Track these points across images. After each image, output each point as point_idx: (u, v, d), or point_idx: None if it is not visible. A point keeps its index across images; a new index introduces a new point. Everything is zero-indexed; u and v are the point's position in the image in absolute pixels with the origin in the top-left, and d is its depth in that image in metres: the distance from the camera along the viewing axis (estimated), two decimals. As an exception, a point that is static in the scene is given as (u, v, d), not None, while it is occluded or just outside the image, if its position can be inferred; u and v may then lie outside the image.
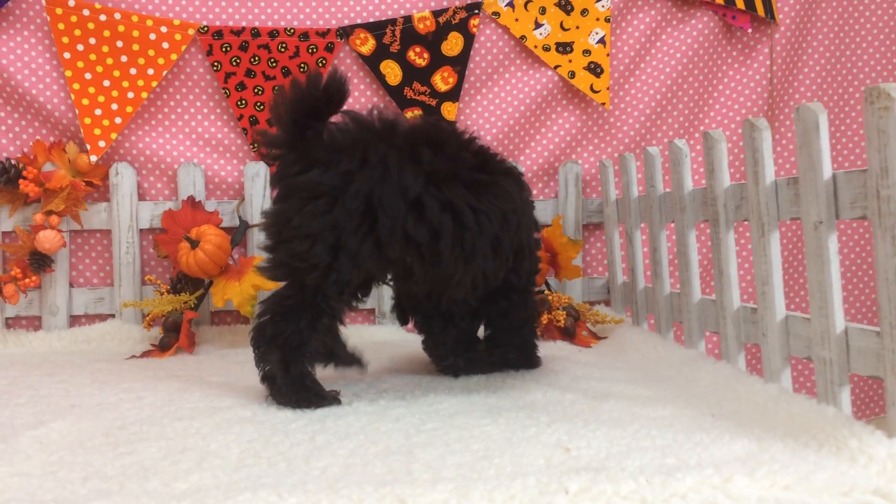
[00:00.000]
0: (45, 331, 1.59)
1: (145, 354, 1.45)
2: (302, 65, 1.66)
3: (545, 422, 0.90)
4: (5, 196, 1.58)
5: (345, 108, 0.99)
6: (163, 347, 1.47)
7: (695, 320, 1.27)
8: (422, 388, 1.10)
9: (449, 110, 1.70)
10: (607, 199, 1.66)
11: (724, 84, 1.81)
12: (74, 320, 1.64)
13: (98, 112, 1.59)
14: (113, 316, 1.64)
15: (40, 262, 1.55)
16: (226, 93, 1.65)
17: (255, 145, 1.54)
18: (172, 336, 1.48)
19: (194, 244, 1.52)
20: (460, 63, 1.70)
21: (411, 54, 1.69)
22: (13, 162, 1.57)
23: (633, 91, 1.77)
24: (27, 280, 1.54)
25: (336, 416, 0.94)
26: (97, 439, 0.86)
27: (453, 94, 1.70)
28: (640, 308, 1.52)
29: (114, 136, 1.60)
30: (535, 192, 1.74)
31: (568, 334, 1.53)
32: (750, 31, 1.78)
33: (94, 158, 1.59)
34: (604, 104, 1.73)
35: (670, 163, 1.29)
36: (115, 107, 1.60)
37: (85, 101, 1.59)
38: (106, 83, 1.60)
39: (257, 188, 1.65)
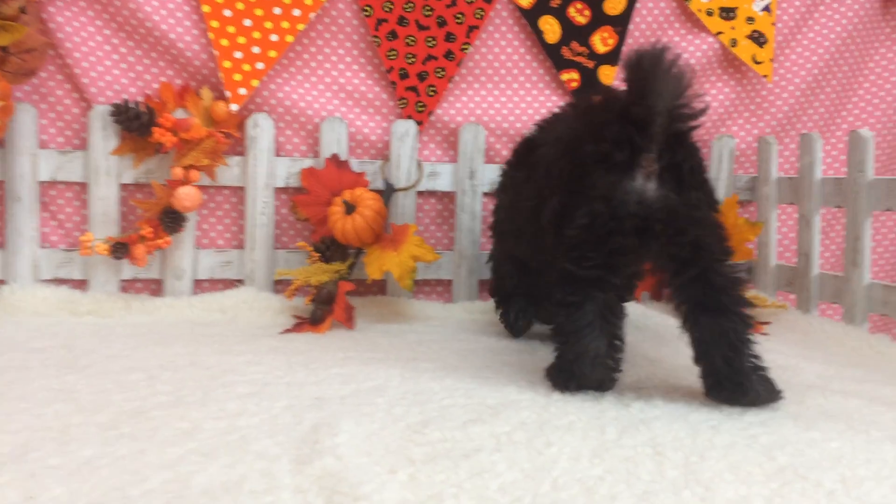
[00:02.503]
0: (170, 297, 1.44)
1: (297, 328, 1.32)
2: (458, 15, 1.51)
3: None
4: (129, 144, 1.40)
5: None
6: (314, 321, 1.34)
7: (919, 317, 1.22)
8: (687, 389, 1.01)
9: (606, 74, 1.59)
10: (766, 177, 1.59)
11: (874, 62, 1.74)
12: (196, 285, 1.49)
13: (238, 55, 1.42)
14: (241, 281, 1.49)
15: (175, 220, 1.39)
16: (376, 41, 1.49)
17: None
18: (325, 309, 1.36)
19: (350, 209, 1.39)
20: (621, 24, 1.58)
21: (572, 10, 1.56)
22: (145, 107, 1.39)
23: (788, 64, 1.68)
24: (159, 240, 1.38)
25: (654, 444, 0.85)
26: (414, 449, 0.75)
27: (612, 57, 1.59)
28: (812, 295, 1.47)
29: (255, 82, 1.43)
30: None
31: (736, 319, 1.47)
32: (909, 7, 1.71)
33: (234, 107, 1.42)
34: (766, 77, 1.63)
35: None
36: (256, 50, 1.43)
37: (224, 42, 1.42)
38: (247, 22, 1.43)
39: (405, 149, 1.51)
